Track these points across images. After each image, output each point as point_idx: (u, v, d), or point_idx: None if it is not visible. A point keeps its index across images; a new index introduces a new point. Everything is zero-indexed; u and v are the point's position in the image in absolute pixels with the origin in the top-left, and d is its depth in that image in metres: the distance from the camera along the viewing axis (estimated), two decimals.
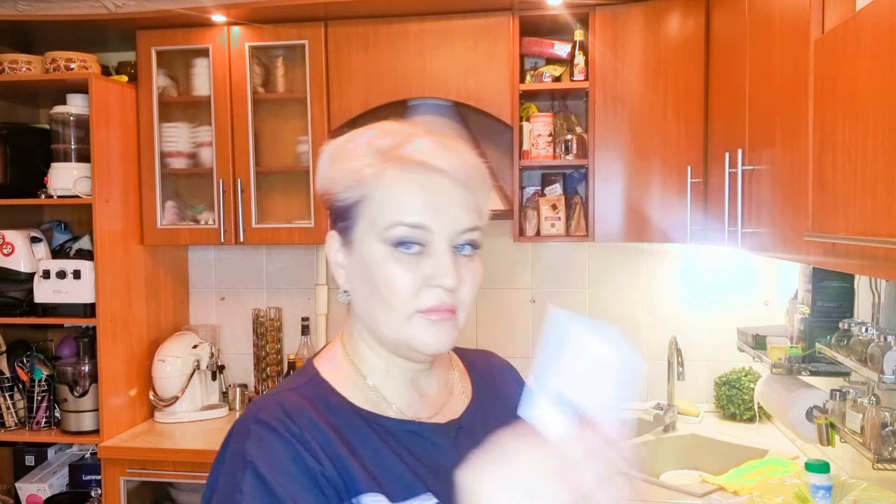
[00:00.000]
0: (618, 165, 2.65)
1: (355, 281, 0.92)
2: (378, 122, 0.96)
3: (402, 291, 0.87)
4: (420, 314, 0.87)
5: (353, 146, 0.92)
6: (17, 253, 2.73)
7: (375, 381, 0.95)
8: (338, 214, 0.93)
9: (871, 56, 1.15)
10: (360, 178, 0.89)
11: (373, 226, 0.88)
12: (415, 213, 0.86)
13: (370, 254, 0.88)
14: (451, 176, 0.88)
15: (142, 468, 2.63)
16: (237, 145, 2.83)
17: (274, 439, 0.83)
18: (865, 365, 1.63)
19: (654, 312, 2.98)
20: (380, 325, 0.90)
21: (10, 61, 2.74)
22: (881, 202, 1.11)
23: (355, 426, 0.89)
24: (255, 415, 0.87)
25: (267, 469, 0.81)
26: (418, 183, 0.87)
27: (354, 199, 0.90)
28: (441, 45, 2.72)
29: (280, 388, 0.94)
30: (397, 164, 0.88)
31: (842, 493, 1.82)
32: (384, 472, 0.87)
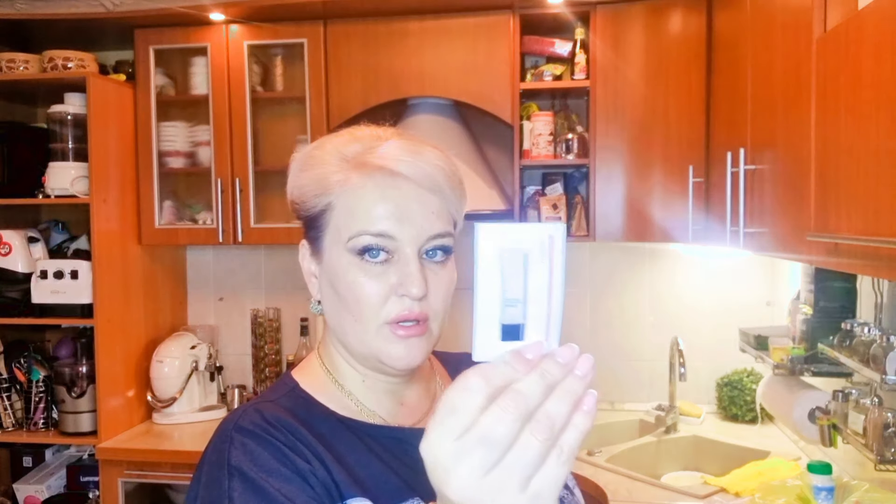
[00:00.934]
0: (619, 165, 2.64)
1: (325, 291, 0.91)
2: (351, 127, 0.93)
3: (369, 301, 0.85)
4: (387, 326, 0.85)
5: (321, 153, 0.89)
6: (15, 253, 2.72)
7: (354, 391, 0.93)
8: (307, 223, 0.91)
9: (874, 55, 1.13)
10: (325, 186, 0.87)
11: (338, 235, 0.86)
12: (379, 222, 0.84)
13: (337, 264, 0.87)
14: (416, 182, 0.85)
15: (140, 469, 2.62)
16: (235, 144, 2.82)
17: (258, 444, 0.81)
18: (868, 365, 1.61)
19: (656, 313, 2.96)
20: (349, 336, 0.89)
21: (7, 60, 2.73)
22: (884, 202, 1.10)
23: (339, 432, 0.88)
24: (234, 423, 0.84)
25: (255, 472, 0.79)
26: (381, 190, 0.85)
27: (321, 207, 0.88)
28: (441, 43, 2.71)
29: (257, 399, 0.92)
30: (361, 171, 0.86)
31: (844, 494, 1.81)
32: (370, 477, 0.85)
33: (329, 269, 0.88)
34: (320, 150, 0.90)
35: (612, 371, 2.99)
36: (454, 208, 0.90)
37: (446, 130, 2.76)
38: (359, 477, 0.84)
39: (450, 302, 0.89)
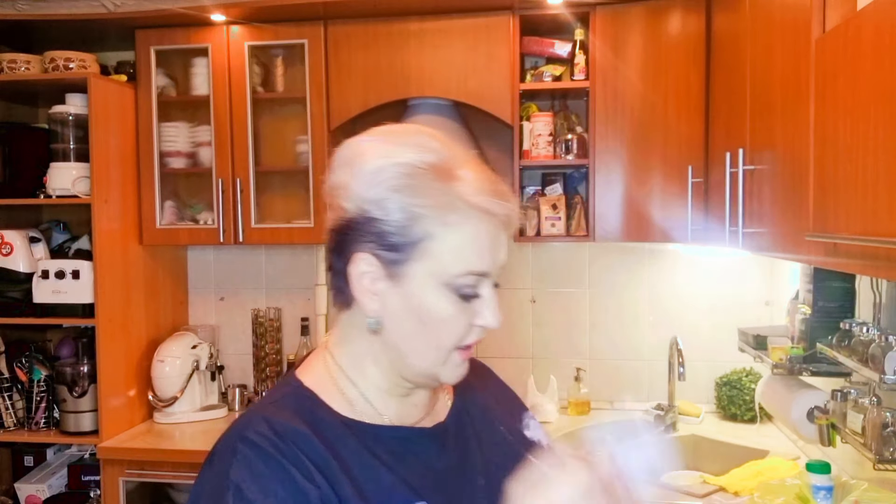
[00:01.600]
0: (618, 165, 2.64)
1: (396, 313, 0.89)
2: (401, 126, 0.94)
3: (456, 332, 0.88)
4: (457, 352, 0.90)
5: (406, 171, 0.86)
6: (16, 253, 2.72)
7: (370, 395, 0.94)
8: (383, 243, 0.87)
9: (873, 55, 1.14)
10: (423, 216, 0.85)
11: (437, 268, 0.86)
12: (481, 262, 0.88)
13: (427, 293, 0.87)
14: (504, 219, 0.89)
15: (141, 469, 2.62)
16: (236, 145, 2.82)
17: (261, 461, 0.82)
18: (866, 365, 1.62)
19: (655, 312, 2.97)
20: (419, 358, 0.90)
21: (8, 61, 2.74)
22: (882, 202, 1.11)
23: (343, 437, 0.88)
24: (241, 433, 0.85)
25: (253, 493, 0.80)
26: (483, 229, 0.87)
27: (415, 237, 0.86)
28: (441, 44, 2.71)
29: (264, 401, 0.93)
30: (464, 210, 0.86)
31: (843, 493, 1.81)
32: (372, 484, 0.86)
33: (415, 295, 0.87)
34: (405, 169, 0.86)
35: (612, 370, 2.99)
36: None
37: (446, 131, 2.75)
38: (363, 489, 0.85)
39: None
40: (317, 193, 2.79)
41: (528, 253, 3.05)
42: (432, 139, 0.90)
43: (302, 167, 2.84)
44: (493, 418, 1.05)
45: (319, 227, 2.80)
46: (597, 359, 3.01)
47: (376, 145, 0.89)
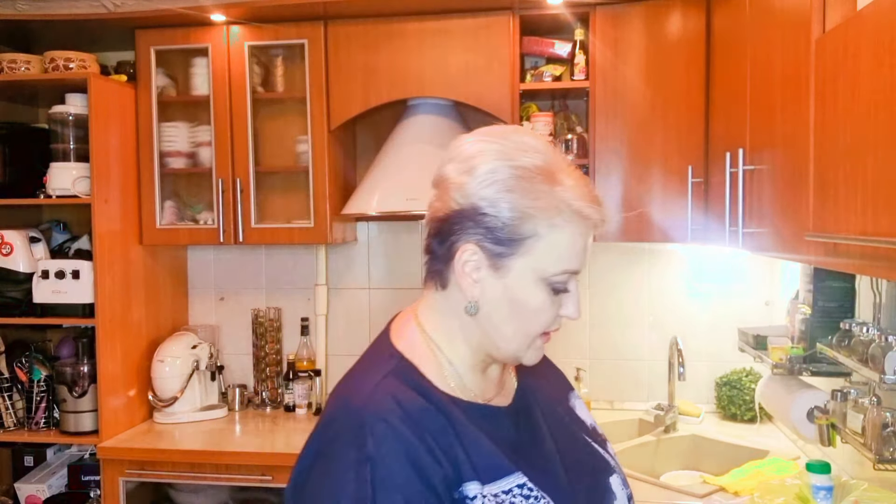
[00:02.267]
0: (618, 165, 2.65)
1: (494, 299, 0.98)
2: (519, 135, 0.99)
3: (546, 321, 0.99)
4: (541, 337, 1.01)
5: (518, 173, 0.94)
6: (16, 253, 2.73)
7: (459, 370, 1.02)
8: (492, 237, 0.95)
9: (872, 55, 1.14)
10: (533, 216, 0.94)
11: (538, 264, 0.95)
12: (576, 262, 0.98)
13: (526, 285, 0.96)
14: (597, 225, 0.99)
15: (141, 469, 2.62)
16: (236, 145, 2.82)
17: (391, 436, 0.89)
18: (866, 365, 1.62)
19: (655, 313, 2.97)
20: (507, 341, 1.00)
21: (8, 61, 2.74)
22: (882, 202, 1.11)
23: (451, 411, 0.96)
24: (369, 406, 0.92)
25: (388, 466, 0.87)
26: (580, 233, 0.97)
27: (523, 234, 0.94)
28: (441, 44, 2.71)
29: (372, 374, 0.98)
30: (568, 215, 0.95)
31: (843, 493, 1.81)
32: (478, 455, 0.94)
33: (514, 286, 0.97)
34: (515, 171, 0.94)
35: (612, 370, 3.00)
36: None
37: (446, 131, 2.76)
38: (472, 458, 0.93)
39: None
40: (317, 193, 2.79)
41: None
42: (537, 142, 0.99)
43: (302, 167, 2.84)
44: (550, 399, 1.15)
45: (319, 227, 2.80)
46: (597, 359, 3.01)
47: (491, 146, 0.97)
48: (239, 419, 2.98)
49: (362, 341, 3.45)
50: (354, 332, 3.16)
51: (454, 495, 0.90)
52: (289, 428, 2.85)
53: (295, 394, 3.02)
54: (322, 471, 0.91)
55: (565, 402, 1.17)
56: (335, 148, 2.85)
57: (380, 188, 2.71)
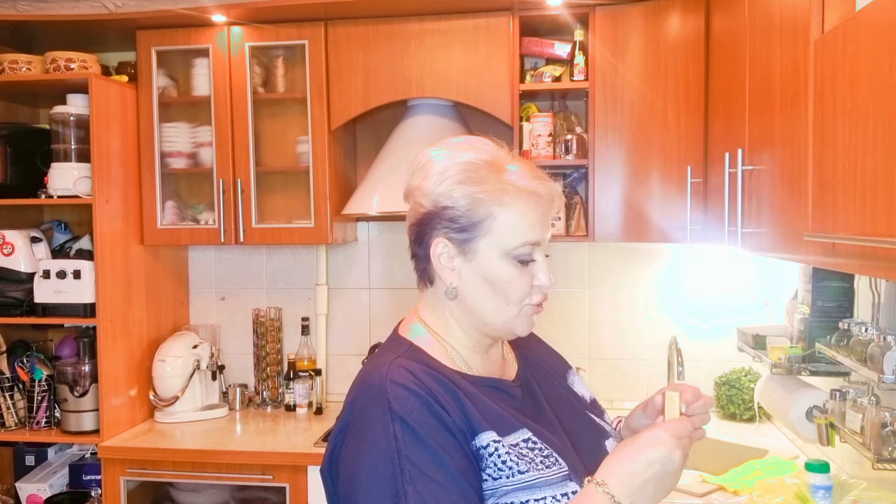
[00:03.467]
0: (618, 165, 2.65)
1: (471, 282, 1.11)
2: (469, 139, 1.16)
3: (522, 291, 1.11)
4: (528, 307, 1.12)
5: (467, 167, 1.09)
6: (18, 253, 2.73)
7: (461, 352, 1.15)
8: (453, 226, 1.10)
9: (871, 56, 1.15)
10: (483, 200, 1.08)
11: (499, 242, 1.09)
12: (534, 233, 1.10)
13: (493, 263, 1.10)
14: (547, 198, 1.12)
15: (142, 468, 2.63)
16: (237, 145, 2.83)
17: (410, 396, 1.02)
18: (865, 365, 1.63)
19: (654, 312, 2.98)
20: (495, 315, 1.12)
21: (10, 61, 2.75)
22: (881, 202, 1.11)
23: (459, 381, 1.09)
24: (386, 377, 1.04)
25: (414, 421, 0.99)
26: (532, 207, 1.10)
27: (479, 217, 1.08)
28: (441, 45, 2.72)
29: (386, 357, 1.10)
30: (516, 193, 1.09)
31: (842, 492, 1.82)
32: (491, 414, 1.06)
33: (483, 265, 1.10)
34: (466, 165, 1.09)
35: (611, 370, 3.00)
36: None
37: (446, 131, 2.77)
38: (484, 413, 1.06)
39: None
40: (317, 193, 2.80)
41: None
42: (484, 143, 1.15)
43: (302, 167, 2.84)
44: (549, 377, 1.28)
45: (320, 227, 2.80)
46: (596, 358, 3.02)
47: (439, 152, 1.13)
48: (240, 419, 2.99)
49: (362, 341, 3.44)
50: (355, 332, 3.17)
51: (472, 445, 1.03)
52: (289, 427, 2.86)
53: (295, 393, 3.03)
54: (354, 440, 1.03)
55: (564, 380, 1.30)
56: (335, 148, 2.86)
57: (380, 188, 2.72)
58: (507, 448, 1.04)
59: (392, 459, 0.98)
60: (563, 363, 1.36)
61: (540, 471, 1.04)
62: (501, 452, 1.03)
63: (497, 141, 1.16)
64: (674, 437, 1.03)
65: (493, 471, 1.03)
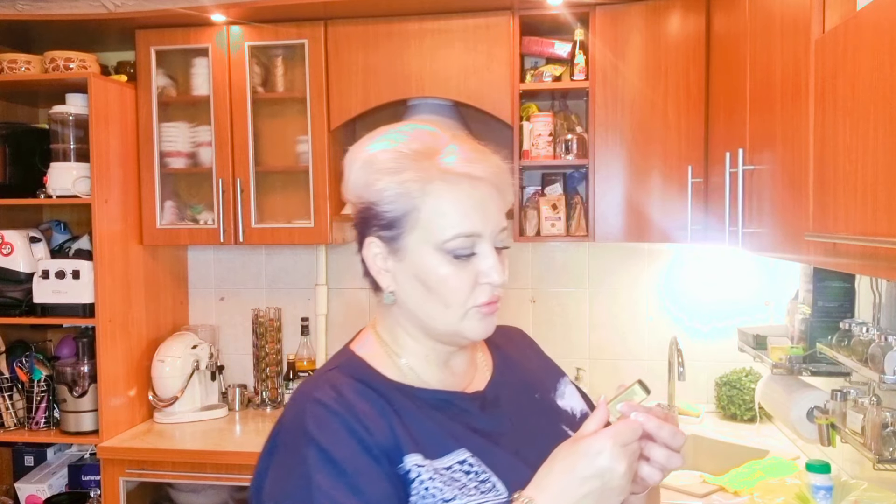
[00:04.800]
0: (618, 165, 2.65)
1: (405, 284, 1.01)
2: (398, 124, 1.04)
3: (461, 291, 0.98)
4: (475, 308, 0.99)
5: (390, 156, 0.98)
6: (16, 253, 2.73)
7: (412, 363, 1.05)
8: (380, 223, 0.99)
9: (872, 55, 1.14)
10: (406, 191, 0.96)
11: (427, 236, 0.97)
12: (468, 224, 0.97)
13: (426, 260, 0.98)
14: (488, 182, 0.99)
15: (141, 468, 2.62)
16: (236, 145, 2.83)
17: (329, 415, 0.93)
18: (866, 365, 1.62)
19: (655, 312, 2.97)
20: (435, 320, 1.01)
21: (9, 61, 2.74)
22: (882, 202, 1.11)
23: (393, 395, 0.99)
24: (308, 394, 0.97)
25: (327, 442, 0.91)
26: (466, 193, 0.97)
27: (402, 210, 0.97)
28: (441, 44, 2.71)
29: (323, 369, 1.05)
30: (442, 177, 0.97)
31: (843, 493, 1.82)
32: (421, 433, 0.97)
33: (415, 264, 0.99)
34: (388, 154, 0.98)
35: (611, 370, 3.00)
36: (510, 201, 1.05)
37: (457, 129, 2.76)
38: (413, 434, 0.96)
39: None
40: (317, 193, 2.79)
41: (528, 253, 3.05)
42: (421, 130, 1.02)
43: (302, 167, 2.84)
44: (529, 388, 1.15)
45: (319, 227, 2.80)
46: (597, 359, 3.01)
47: (359, 146, 1.02)
48: (239, 419, 2.98)
49: None
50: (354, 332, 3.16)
51: (397, 469, 0.93)
52: None
53: None
54: (272, 465, 0.95)
55: (549, 392, 1.17)
56: (335, 148, 2.85)
57: None
58: (433, 473, 0.94)
59: (303, 487, 0.89)
60: (555, 373, 1.22)
61: (470, 497, 0.94)
62: (425, 478, 0.93)
63: (443, 125, 1.05)
64: (617, 446, 0.87)
65: (417, 498, 0.93)
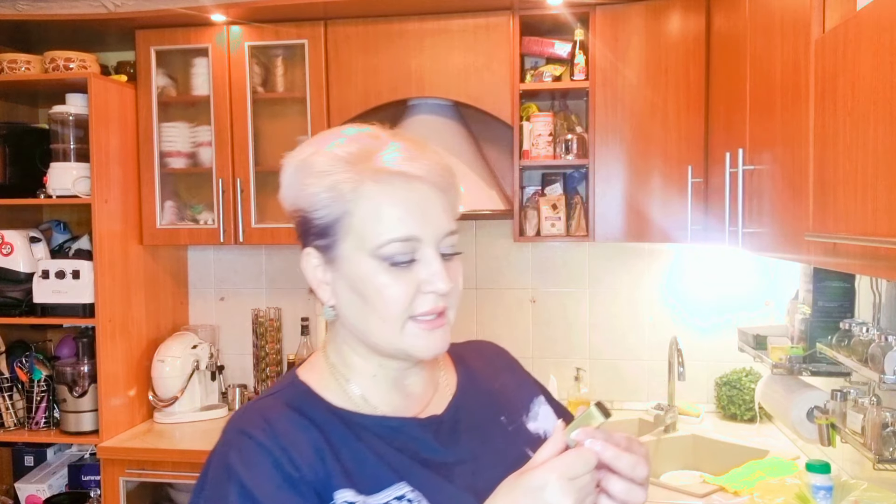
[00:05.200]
0: (618, 165, 2.65)
1: (343, 296, 0.92)
2: (341, 127, 0.97)
3: (399, 302, 0.88)
4: (413, 322, 0.89)
5: (323, 159, 0.91)
6: (17, 253, 2.73)
7: (361, 385, 0.96)
8: (315, 232, 0.92)
9: (872, 55, 1.14)
10: (337, 194, 0.89)
11: (361, 243, 0.89)
12: (404, 227, 0.88)
13: (361, 269, 0.89)
14: (430, 182, 0.89)
15: (141, 468, 2.62)
16: (236, 145, 2.83)
17: (255, 449, 0.86)
18: (866, 365, 1.62)
19: (655, 312, 2.97)
20: (374, 336, 0.92)
21: (9, 61, 2.74)
22: (882, 202, 1.11)
23: (330, 424, 0.91)
24: (236, 425, 0.90)
25: (249, 479, 0.84)
26: (400, 194, 0.88)
27: (334, 216, 0.90)
28: (441, 44, 2.71)
29: (260, 397, 0.97)
30: (377, 178, 0.88)
31: (842, 493, 1.82)
32: (358, 466, 0.88)
33: (350, 274, 0.90)
34: (321, 157, 0.91)
35: (611, 370, 3.00)
36: (457, 205, 0.94)
37: (446, 131, 2.76)
38: (347, 467, 0.88)
39: (461, 292, 0.95)
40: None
41: (528, 253, 3.05)
42: (362, 131, 0.94)
43: None
44: (495, 410, 1.04)
45: None
46: (597, 358, 3.01)
47: (301, 148, 0.95)
48: None
49: None
50: None
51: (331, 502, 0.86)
52: None
53: None
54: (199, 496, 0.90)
55: (517, 413, 1.05)
56: None
57: None
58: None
59: None
60: (529, 392, 1.10)
61: None
62: None
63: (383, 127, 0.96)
64: (563, 479, 0.76)
65: None
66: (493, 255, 3.05)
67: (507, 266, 3.06)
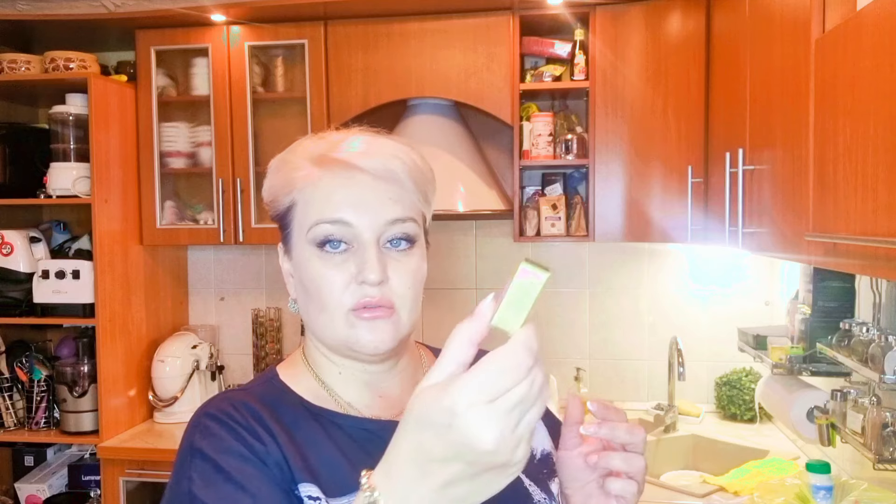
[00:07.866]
0: (618, 165, 2.65)
1: (297, 287, 0.92)
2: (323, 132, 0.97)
3: (332, 290, 0.86)
4: (352, 313, 0.86)
5: (292, 156, 0.93)
6: (17, 253, 2.73)
7: (331, 383, 0.94)
8: (278, 223, 0.94)
9: (872, 55, 1.14)
10: (290, 183, 0.90)
11: (301, 229, 0.89)
12: (334, 210, 0.86)
13: (302, 257, 0.89)
14: (371, 173, 0.87)
15: (141, 468, 2.63)
16: (236, 145, 2.83)
17: (218, 426, 0.84)
18: (866, 365, 1.62)
19: (655, 312, 2.97)
20: (318, 328, 0.90)
21: (9, 61, 2.74)
22: (882, 202, 1.11)
23: (302, 420, 0.89)
24: (201, 411, 0.88)
25: (213, 451, 0.82)
26: (338, 181, 0.87)
27: (287, 205, 0.91)
28: (441, 44, 2.71)
29: (234, 388, 0.96)
30: (321, 166, 0.89)
31: (843, 493, 1.82)
32: (324, 467, 0.85)
33: (296, 263, 0.91)
34: (291, 154, 0.94)
35: (612, 370, 3.00)
36: (417, 199, 0.91)
37: (446, 131, 2.77)
38: (312, 464, 0.85)
39: (419, 290, 0.90)
40: None
41: (528, 253, 3.05)
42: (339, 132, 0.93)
43: None
44: None
45: None
46: (597, 358, 3.01)
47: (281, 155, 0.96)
48: None
49: None
50: None
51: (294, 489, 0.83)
52: None
53: None
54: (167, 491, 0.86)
55: None
56: None
57: None
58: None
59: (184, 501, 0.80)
60: None
61: None
62: None
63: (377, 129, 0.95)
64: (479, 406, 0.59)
65: None
66: (493, 255, 3.05)
67: (507, 266, 3.06)
